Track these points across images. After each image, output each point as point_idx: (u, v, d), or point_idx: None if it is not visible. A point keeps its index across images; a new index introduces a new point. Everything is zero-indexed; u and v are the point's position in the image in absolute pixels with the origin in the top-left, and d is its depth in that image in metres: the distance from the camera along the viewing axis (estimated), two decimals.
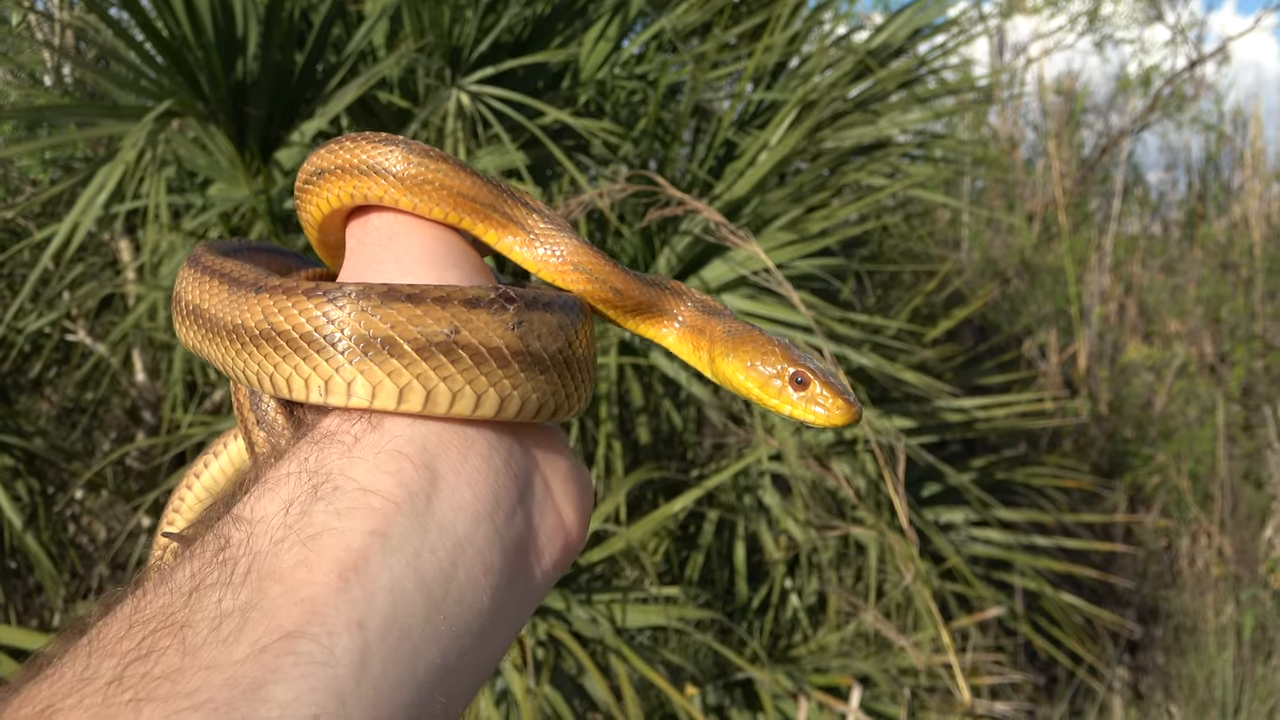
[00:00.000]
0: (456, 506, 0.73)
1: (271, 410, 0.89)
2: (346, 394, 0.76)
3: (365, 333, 0.75)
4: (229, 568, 0.64)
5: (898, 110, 4.80)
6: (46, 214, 4.39)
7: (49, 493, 4.26)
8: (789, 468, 4.10)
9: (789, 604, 4.36)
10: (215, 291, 0.87)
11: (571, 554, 0.84)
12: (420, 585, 0.68)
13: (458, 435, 0.77)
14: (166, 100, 3.56)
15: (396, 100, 3.95)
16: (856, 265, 4.62)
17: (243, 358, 0.82)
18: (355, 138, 0.91)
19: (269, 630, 0.60)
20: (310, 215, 0.96)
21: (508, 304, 0.78)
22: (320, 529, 0.67)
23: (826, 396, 0.92)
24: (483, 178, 0.92)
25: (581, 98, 4.22)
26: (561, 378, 0.82)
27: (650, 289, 1.00)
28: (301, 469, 0.72)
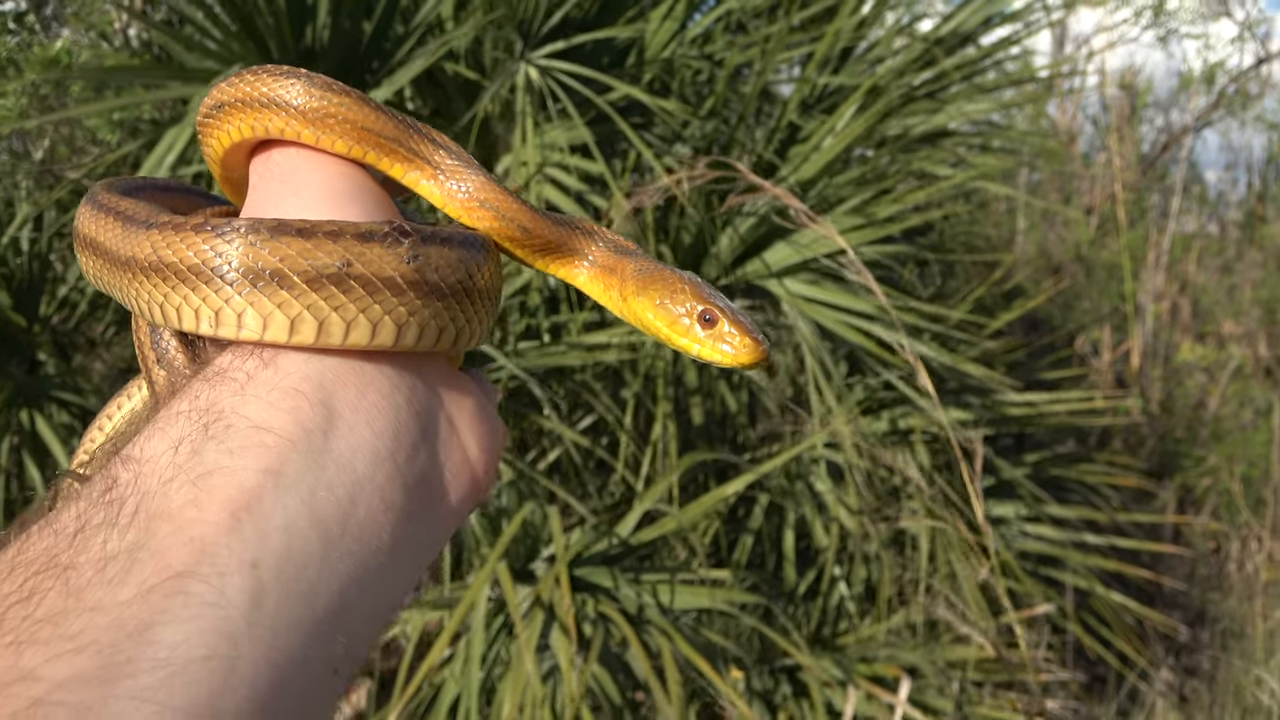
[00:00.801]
0: (355, 444, 0.71)
1: (172, 349, 0.88)
2: (237, 325, 0.74)
3: (254, 265, 0.74)
4: (115, 508, 0.63)
5: (962, 99, 4.77)
6: (110, 174, 4.43)
7: None
8: (844, 455, 4.09)
9: (836, 592, 4.35)
10: (109, 227, 0.86)
11: (480, 492, 0.83)
12: (316, 523, 0.67)
13: (356, 371, 0.75)
14: (236, 64, 3.58)
15: (463, 71, 3.95)
16: (921, 253, 4.60)
17: (134, 287, 0.81)
18: (256, 70, 0.90)
19: (156, 571, 0.59)
20: (212, 150, 0.94)
21: (402, 238, 0.77)
22: (211, 468, 0.66)
23: (734, 334, 0.91)
24: (388, 112, 0.91)
25: (647, 75, 4.21)
26: (460, 305, 0.81)
27: (560, 228, 0.99)
28: (193, 407, 0.70)
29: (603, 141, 4.05)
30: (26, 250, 4.08)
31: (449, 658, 3.36)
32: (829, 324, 3.92)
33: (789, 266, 3.99)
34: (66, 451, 3.82)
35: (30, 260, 4.06)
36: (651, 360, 3.97)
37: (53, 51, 3.88)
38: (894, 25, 5.08)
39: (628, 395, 4.01)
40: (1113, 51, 9.81)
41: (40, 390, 3.95)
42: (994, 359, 4.94)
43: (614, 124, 3.93)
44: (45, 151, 4.45)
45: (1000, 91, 5.39)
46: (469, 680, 3.23)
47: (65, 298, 4.15)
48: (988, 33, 4.93)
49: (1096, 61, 9.55)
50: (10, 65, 3.91)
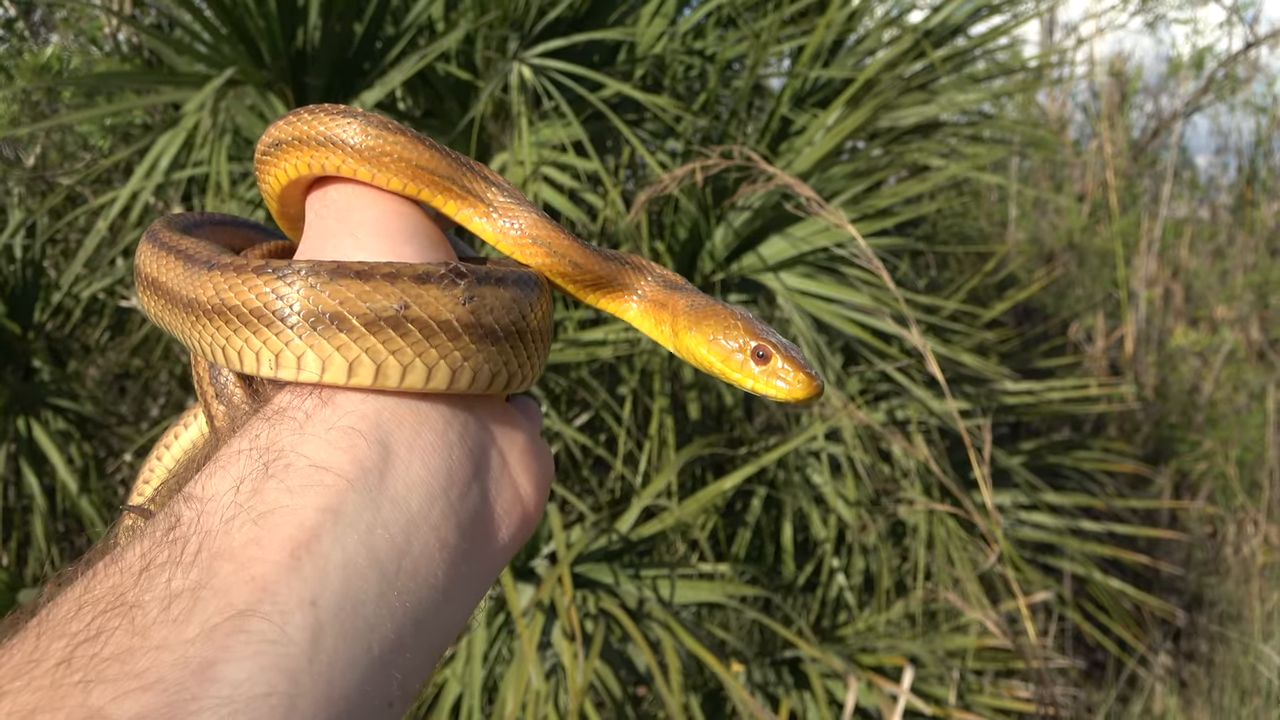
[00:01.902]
0: (410, 482, 0.73)
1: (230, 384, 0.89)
2: (297, 367, 0.76)
3: (314, 308, 0.76)
4: (179, 546, 0.64)
5: (952, 90, 4.78)
6: (102, 181, 4.43)
7: (100, 456, 4.31)
8: (843, 447, 4.11)
9: (835, 583, 4.37)
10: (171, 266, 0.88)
11: (529, 527, 0.84)
12: (373, 562, 0.68)
13: (411, 410, 0.77)
14: (229, 68, 3.59)
15: (455, 72, 3.96)
16: (915, 245, 4.62)
17: (197, 330, 0.83)
18: (314, 109, 0.92)
19: (220, 609, 0.60)
20: (269, 186, 0.96)
21: (458, 279, 0.78)
22: (272, 506, 0.67)
23: (788, 370, 0.93)
24: (441, 150, 0.93)
25: (639, 72, 4.22)
26: (514, 349, 0.82)
27: (610, 263, 1.00)
28: (253, 446, 0.72)
29: (596, 139, 4.07)
30: (20, 257, 4.09)
31: (451, 656, 3.37)
32: (825, 317, 3.94)
33: (784, 260, 4.00)
34: (64, 459, 3.84)
35: (24, 267, 4.07)
36: (648, 356, 3.99)
37: (43, 58, 3.88)
38: (884, 17, 5.09)
39: (625, 391, 4.03)
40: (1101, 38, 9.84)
41: (36, 397, 3.96)
42: (989, 349, 4.96)
43: (607, 121, 3.94)
44: (37, 158, 4.45)
45: (990, 81, 5.41)
46: (471, 678, 3.25)
47: (59, 304, 4.16)
48: (977, 23, 4.95)
49: (1085, 49, 9.58)
50: (1, 73, 3.92)
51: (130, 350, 4.54)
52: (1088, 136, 9.65)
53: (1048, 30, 9.94)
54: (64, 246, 4.60)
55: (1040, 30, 9.98)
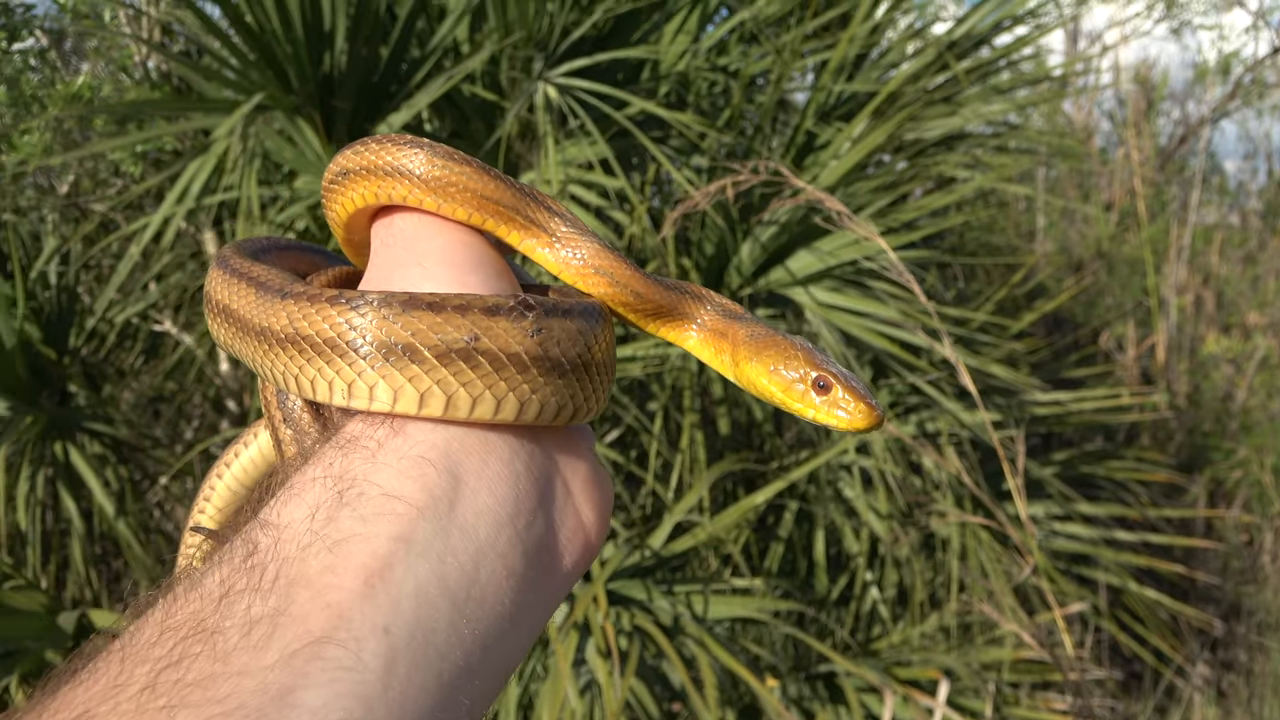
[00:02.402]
0: (478, 511, 0.74)
1: (297, 409, 0.91)
2: (369, 398, 0.77)
3: (387, 339, 0.77)
4: (257, 574, 0.66)
5: (977, 101, 4.78)
6: (134, 207, 4.48)
7: (135, 480, 4.35)
8: (874, 461, 4.11)
9: (869, 597, 4.37)
10: (243, 294, 0.89)
11: (592, 554, 0.85)
12: (444, 590, 0.69)
13: (479, 440, 0.78)
14: (258, 94, 3.63)
15: (481, 93, 3.99)
16: (942, 257, 4.62)
17: (270, 359, 0.84)
18: (381, 139, 0.93)
19: (297, 636, 0.62)
20: (336, 214, 0.98)
21: (527, 311, 0.79)
22: (346, 535, 0.68)
23: (849, 400, 0.93)
24: (506, 181, 0.94)
25: (663, 89, 4.24)
26: (580, 381, 0.83)
27: (671, 293, 1.01)
28: (327, 474, 0.73)
29: (622, 156, 4.09)
30: (55, 283, 4.14)
31: None
32: (853, 330, 3.95)
33: (812, 274, 4.01)
34: (100, 482, 3.87)
35: (58, 293, 4.11)
36: (677, 373, 4.00)
37: (75, 87, 3.93)
38: (907, 30, 5.10)
39: (655, 407, 4.04)
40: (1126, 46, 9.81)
41: (72, 422, 4.00)
42: (1018, 359, 4.95)
43: (633, 138, 3.96)
44: (70, 186, 4.51)
45: (1015, 92, 5.40)
46: (506, 697, 3.26)
47: (94, 329, 4.20)
48: (1001, 34, 4.95)
49: (1110, 57, 9.56)
50: (34, 102, 3.97)
51: (164, 374, 4.58)
52: (1114, 144, 9.63)
53: (1072, 39, 9.93)
54: (98, 272, 4.66)
55: (1065, 39, 9.97)
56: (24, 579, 3.20)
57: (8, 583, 3.18)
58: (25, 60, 4.11)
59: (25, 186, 4.53)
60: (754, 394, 0.98)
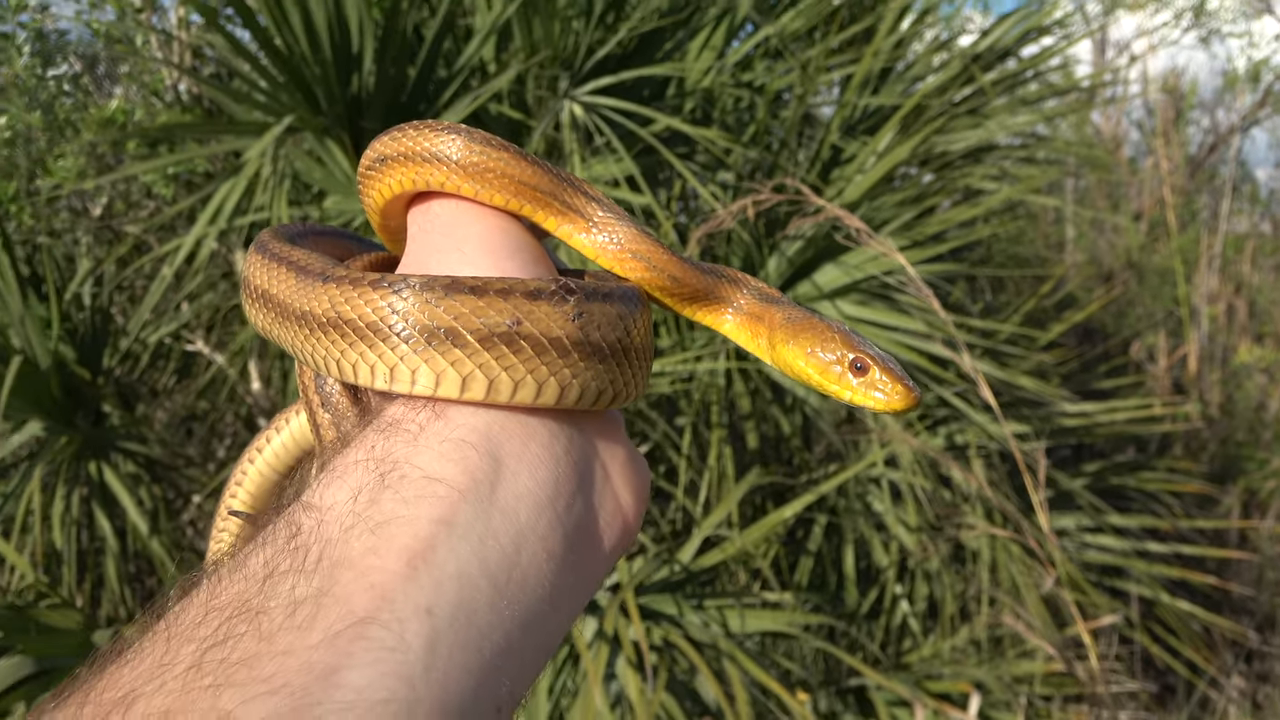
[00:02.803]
0: (519, 494, 0.74)
1: (336, 393, 0.92)
2: (411, 381, 0.78)
3: (429, 323, 0.77)
4: (301, 555, 0.67)
5: (1004, 113, 4.79)
6: (166, 228, 4.54)
7: (169, 498, 4.39)
8: (903, 474, 4.11)
9: (899, 610, 4.36)
10: (283, 278, 0.89)
11: (630, 538, 0.86)
12: (485, 571, 0.69)
13: (520, 424, 0.79)
14: (288, 116, 3.67)
15: (508, 112, 4.02)
16: (970, 269, 4.61)
17: (310, 343, 0.84)
18: (418, 125, 0.94)
19: (341, 616, 0.62)
20: (373, 200, 0.99)
21: (568, 295, 0.80)
22: (388, 516, 0.69)
23: (886, 381, 0.94)
24: (544, 166, 0.94)
25: (688, 105, 4.27)
26: (620, 366, 0.84)
27: (708, 277, 1.02)
28: (369, 457, 0.74)
29: (648, 173, 4.11)
30: (89, 305, 4.19)
31: None
32: (880, 343, 3.95)
33: (839, 288, 4.02)
34: (134, 501, 3.91)
35: (93, 314, 4.16)
36: (705, 388, 4.01)
37: (108, 111, 3.99)
38: (932, 42, 5.11)
39: (683, 422, 4.06)
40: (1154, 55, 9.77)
41: (106, 441, 4.04)
42: (1048, 371, 4.94)
43: (658, 155, 3.98)
44: (104, 208, 4.56)
45: (1043, 103, 5.40)
46: (537, 712, 3.27)
47: (127, 350, 4.25)
48: (1027, 45, 4.95)
49: (1139, 66, 9.52)
50: (68, 127, 4.03)
51: (197, 393, 4.63)
52: (1144, 154, 9.59)
53: (1100, 49, 9.90)
54: (131, 293, 4.71)
55: (1092, 49, 9.94)
56: (59, 597, 3.24)
57: (44, 601, 3.21)
58: (59, 85, 4.17)
59: (60, 209, 4.60)
60: (791, 376, 0.99)
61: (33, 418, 3.88)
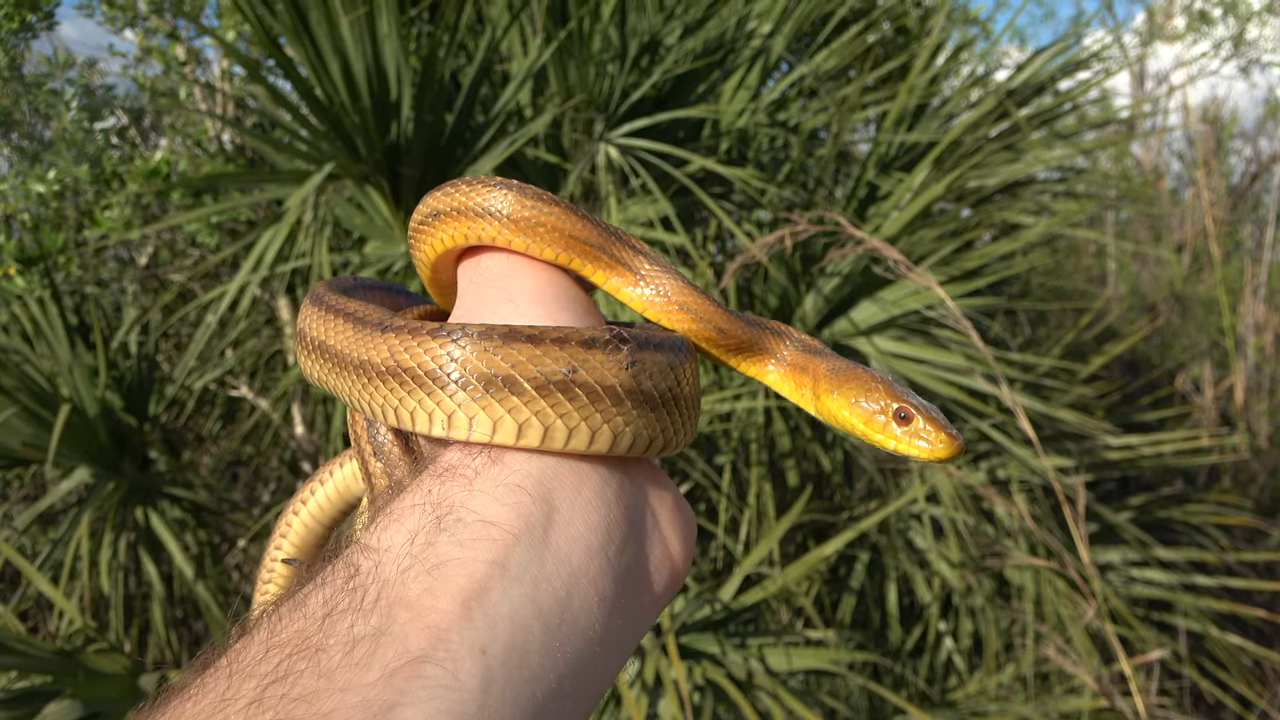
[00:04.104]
0: (571, 538, 0.76)
1: (388, 442, 0.93)
2: (469, 429, 0.79)
3: (487, 371, 0.79)
4: (359, 594, 0.68)
5: (1040, 147, 4.79)
6: (211, 276, 4.60)
7: (215, 543, 4.43)
8: (943, 509, 4.09)
9: (943, 647, 4.34)
10: (340, 329, 0.91)
11: (678, 583, 0.86)
12: (538, 614, 0.70)
13: (572, 470, 0.80)
14: (328, 164, 3.72)
15: (544, 155, 4.06)
16: (1008, 303, 4.61)
17: (368, 392, 0.86)
18: (470, 181, 0.96)
19: (398, 654, 0.64)
20: (424, 254, 1.00)
21: (622, 345, 0.81)
22: (444, 559, 0.70)
23: (930, 431, 0.95)
24: (593, 221, 0.96)
25: (723, 146, 4.30)
26: (670, 414, 0.85)
27: (753, 329, 1.03)
28: (425, 500, 0.75)
29: (684, 213, 4.14)
30: (135, 352, 4.25)
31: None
32: (919, 379, 3.95)
33: (876, 324, 4.03)
34: (180, 546, 3.96)
35: (139, 362, 4.22)
36: (744, 426, 4.02)
37: (153, 163, 4.07)
38: (968, 78, 5.12)
39: (723, 460, 4.06)
40: (1194, 86, 9.73)
41: (153, 487, 4.09)
42: (1090, 404, 4.91)
43: (694, 196, 4.01)
44: (149, 257, 4.64)
45: (1080, 136, 5.39)
46: None
47: (173, 397, 4.30)
48: (1064, 78, 4.95)
49: (1178, 97, 9.49)
50: (115, 179, 4.10)
51: (241, 438, 4.68)
52: (1185, 185, 9.54)
53: (1138, 81, 9.87)
54: (176, 340, 4.78)
55: (1131, 81, 9.91)
56: (107, 642, 3.27)
57: (91, 646, 3.25)
58: (106, 139, 4.25)
59: (107, 260, 4.68)
60: (836, 426, 1.00)
61: (81, 464, 3.93)
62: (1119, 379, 6.44)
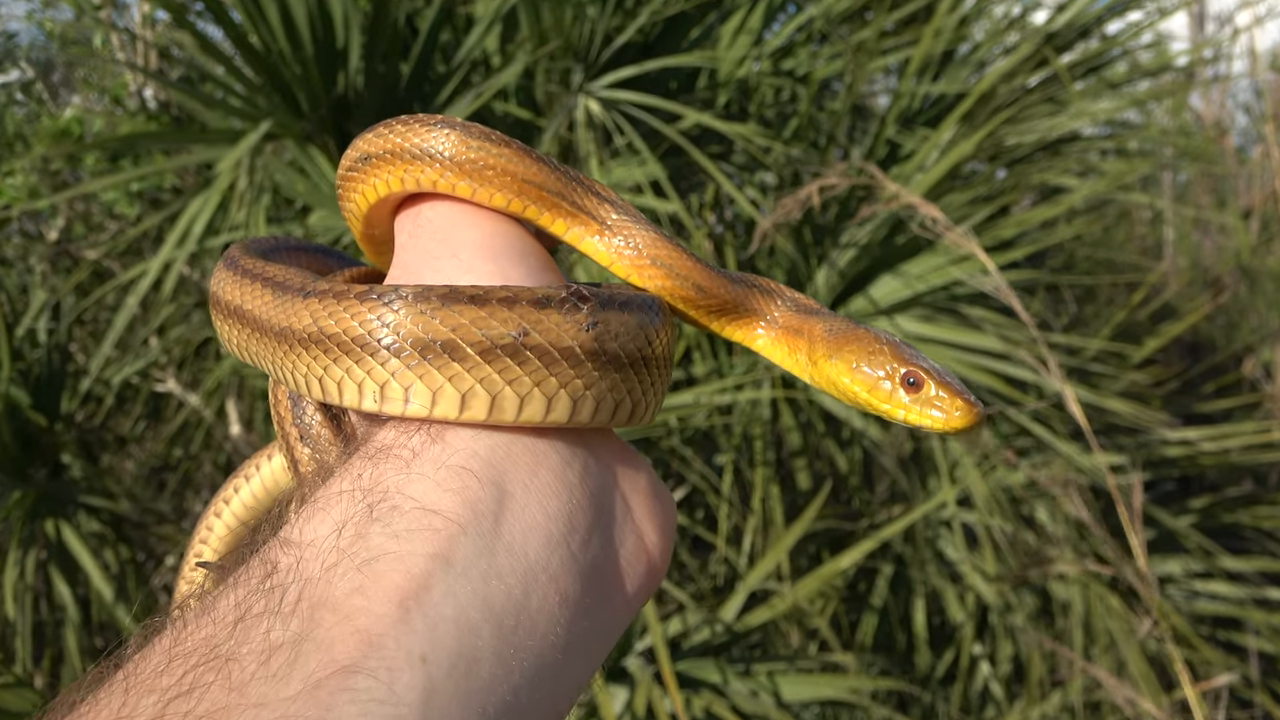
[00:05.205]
0: (527, 528, 0.74)
1: (316, 423, 0.92)
2: (404, 400, 0.78)
3: (424, 335, 0.78)
4: (277, 595, 0.67)
5: (1085, 99, 4.77)
6: (131, 252, 4.57)
7: (139, 560, 4.41)
8: (977, 514, 4.09)
9: (979, 673, 4.33)
10: (258, 294, 0.90)
11: (655, 580, 0.85)
12: (489, 616, 0.69)
13: (527, 448, 0.79)
14: (265, 121, 3.70)
15: (514, 110, 4.04)
16: (1050, 277, 4.61)
17: (290, 361, 0.85)
18: (407, 120, 0.95)
19: (323, 664, 0.62)
20: (355, 205, 1.00)
21: (580, 303, 0.81)
22: (377, 553, 0.69)
23: (943, 398, 0.93)
24: (550, 164, 0.95)
25: (721, 99, 4.28)
26: (639, 378, 0.84)
27: (737, 287, 1.02)
28: (355, 487, 0.74)
29: (676, 176, 4.12)
30: (45, 341, 4.22)
31: None
32: (948, 363, 3.94)
33: (898, 302, 4.02)
34: (98, 564, 3.93)
35: (49, 352, 4.19)
36: (747, 420, 4.01)
37: (63, 122, 4.04)
38: (1002, 20, 5.11)
39: (723, 460, 4.05)
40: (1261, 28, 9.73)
41: (66, 496, 4.06)
42: (1144, 392, 4.91)
43: (687, 156, 4.00)
44: (60, 231, 4.61)
45: (1132, 86, 5.39)
46: None
47: (89, 392, 4.27)
48: (1112, 20, 4.93)
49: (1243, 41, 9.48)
50: (18, 140, 4.08)
51: (168, 439, 4.65)
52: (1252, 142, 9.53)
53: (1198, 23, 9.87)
54: (92, 327, 4.75)
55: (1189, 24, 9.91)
56: (13, 676, 3.25)
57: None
58: (9, 94, 4.23)
59: (10, 234, 4.65)
60: (835, 396, 0.99)
61: None
62: (1178, 364, 6.44)
